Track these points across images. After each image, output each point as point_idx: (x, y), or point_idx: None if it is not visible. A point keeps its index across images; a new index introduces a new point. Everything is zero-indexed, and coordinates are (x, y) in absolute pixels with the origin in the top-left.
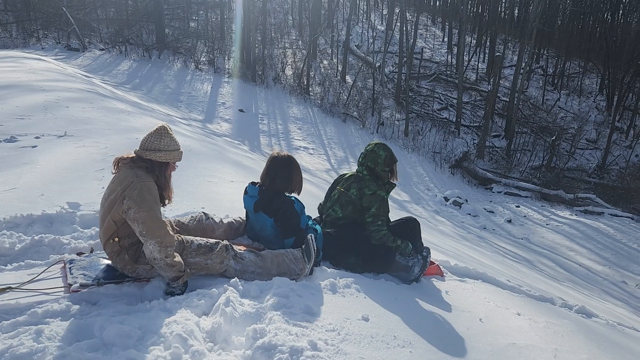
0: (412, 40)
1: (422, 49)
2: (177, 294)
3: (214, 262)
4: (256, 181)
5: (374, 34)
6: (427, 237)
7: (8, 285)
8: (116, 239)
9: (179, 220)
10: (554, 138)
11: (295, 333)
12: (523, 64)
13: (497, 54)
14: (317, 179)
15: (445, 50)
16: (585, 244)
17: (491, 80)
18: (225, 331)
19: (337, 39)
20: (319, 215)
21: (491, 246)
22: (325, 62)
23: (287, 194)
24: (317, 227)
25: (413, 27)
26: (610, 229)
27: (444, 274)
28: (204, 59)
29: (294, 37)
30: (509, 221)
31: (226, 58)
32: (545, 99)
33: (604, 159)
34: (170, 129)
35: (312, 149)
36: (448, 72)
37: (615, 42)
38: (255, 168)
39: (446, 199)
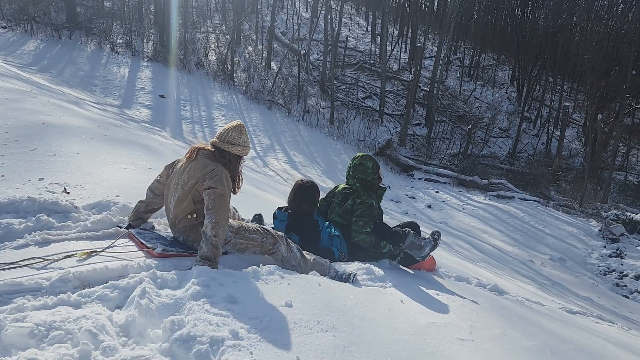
0: (336, 28)
1: (347, 37)
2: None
3: (268, 241)
4: (282, 206)
5: (299, 21)
6: None
7: (94, 249)
8: (194, 215)
9: None
10: (470, 127)
11: (216, 323)
12: (442, 55)
13: (418, 44)
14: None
15: (369, 40)
16: (498, 226)
17: (412, 70)
18: (140, 324)
19: (261, 25)
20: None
21: None
22: (249, 48)
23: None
24: (338, 231)
25: (338, 16)
26: (520, 212)
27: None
28: (121, 41)
29: (217, 22)
30: (429, 206)
31: (145, 41)
32: (462, 89)
33: (514, 146)
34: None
35: None
36: (372, 62)
37: (524, 36)
38: (173, 156)
39: None
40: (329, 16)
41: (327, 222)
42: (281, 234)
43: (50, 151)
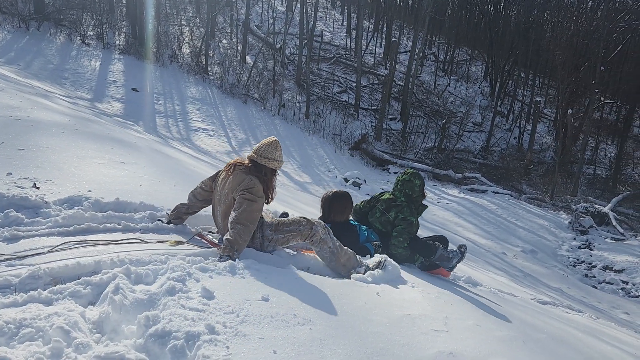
0: (312, 22)
1: (322, 31)
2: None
3: (305, 228)
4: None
5: (274, 14)
6: None
7: (180, 240)
8: None
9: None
10: (444, 121)
11: (192, 318)
12: (417, 50)
13: (393, 39)
14: (217, 161)
15: (345, 34)
16: (472, 219)
17: (388, 64)
18: (114, 320)
19: (236, 18)
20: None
21: None
22: (224, 41)
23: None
24: (375, 236)
25: (313, 10)
26: (493, 205)
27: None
28: (92, 34)
29: (190, 14)
30: None
31: (117, 33)
32: (437, 84)
33: (487, 140)
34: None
35: (212, 130)
36: (347, 56)
37: (497, 32)
38: (148, 151)
39: (346, 180)
40: (304, 10)
41: (363, 227)
42: (317, 219)
43: (18, 145)
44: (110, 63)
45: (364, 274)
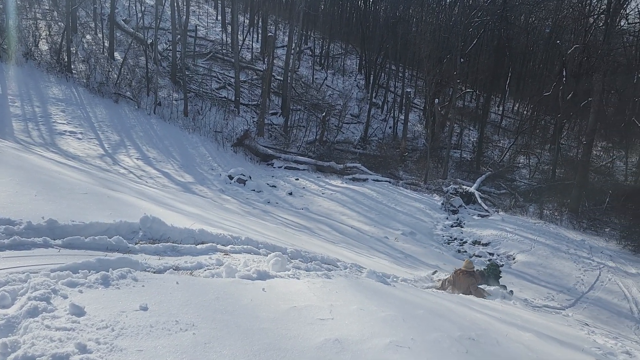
0: (184, 17)
1: (196, 26)
2: None
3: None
4: None
5: (143, 8)
6: (212, 217)
7: None
8: None
9: None
10: (324, 114)
11: (59, 338)
12: (293, 45)
13: (270, 34)
14: (88, 166)
15: (220, 29)
16: (355, 207)
17: (266, 59)
18: None
19: (100, 12)
20: None
21: (275, 219)
22: (88, 36)
23: None
24: None
25: (185, 4)
26: (374, 192)
27: None
28: None
29: (47, 7)
30: (290, 193)
31: None
32: (314, 77)
33: (365, 131)
34: None
35: (81, 133)
36: (224, 51)
37: (368, 27)
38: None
39: (230, 177)
40: (175, 4)
41: None
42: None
43: None
44: None
45: None
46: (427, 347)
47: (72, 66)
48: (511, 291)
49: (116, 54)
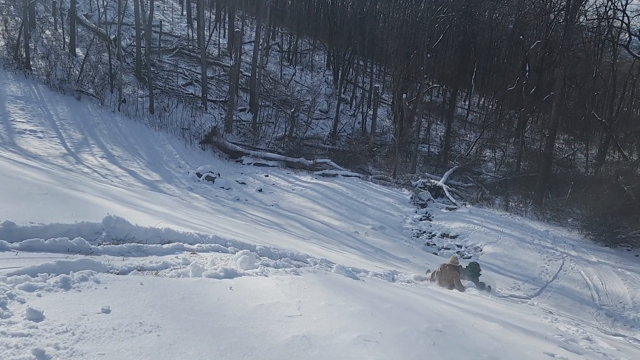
0: (148, 12)
1: (161, 21)
2: None
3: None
4: None
5: (105, 2)
6: (180, 215)
7: None
8: None
9: None
10: (292, 110)
11: (16, 345)
12: (261, 41)
13: (237, 29)
14: (50, 165)
15: (186, 25)
16: (325, 203)
17: (233, 55)
18: None
19: (60, 7)
20: None
21: (245, 216)
22: (48, 32)
23: None
24: None
25: None
26: (344, 188)
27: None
28: None
29: (2, 2)
30: (260, 190)
31: None
32: (283, 73)
33: (334, 127)
34: None
35: (42, 132)
36: (190, 47)
37: (336, 23)
38: None
39: (199, 175)
40: None
41: None
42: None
43: None
44: None
45: None
46: (394, 340)
47: (31, 62)
48: (489, 286)
49: (78, 50)
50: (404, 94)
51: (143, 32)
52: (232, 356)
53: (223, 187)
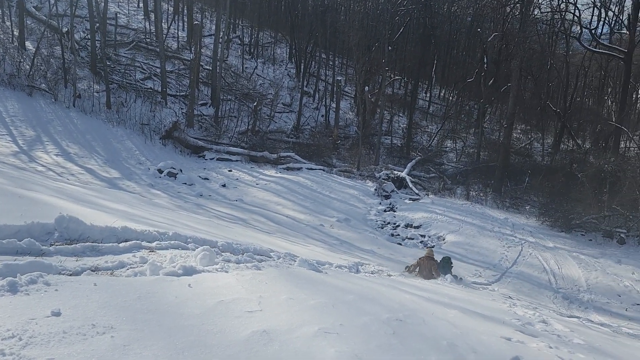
0: (103, 4)
1: (117, 14)
2: None
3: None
4: None
5: None
6: (139, 213)
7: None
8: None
9: None
10: (255, 104)
11: None
12: (221, 33)
13: (196, 22)
14: (1, 165)
15: (142, 17)
16: (290, 197)
17: (193, 48)
18: None
19: None
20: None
21: (208, 212)
22: None
23: None
24: None
25: None
26: (308, 181)
27: None
28: None
29: None
30: (224, 185)
31: None
32: (244, 67)
33: (298, 120)
34: None
35: None
36: (148, 40)
37: (297, 15)
38: None
39: (160, 171)
40: None
41: None
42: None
43: None
44: None
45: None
46: (355, 331)
47: None
48: (460, 278)
49: (27, 44)
50: (366, 87)
51: (97, 24)
52: (189, 355)
53: (185, 183)
